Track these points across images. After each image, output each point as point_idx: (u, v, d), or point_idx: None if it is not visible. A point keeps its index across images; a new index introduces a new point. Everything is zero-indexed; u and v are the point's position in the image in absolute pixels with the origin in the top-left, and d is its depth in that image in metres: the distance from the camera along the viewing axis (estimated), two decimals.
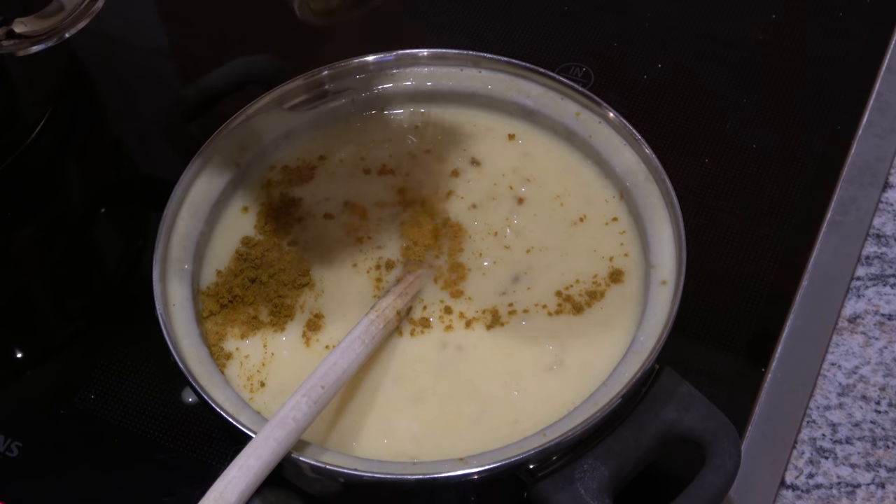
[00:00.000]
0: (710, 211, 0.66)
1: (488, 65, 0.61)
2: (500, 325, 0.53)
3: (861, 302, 0.61)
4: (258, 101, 0.59)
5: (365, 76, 0.61)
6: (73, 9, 0.64)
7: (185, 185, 0.56)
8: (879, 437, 0.56)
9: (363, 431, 0.50)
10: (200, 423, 0.58)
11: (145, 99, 0.74)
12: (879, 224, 0.64)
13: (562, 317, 0.53)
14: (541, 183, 0.59)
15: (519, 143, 0.60)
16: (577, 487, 0.47)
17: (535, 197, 0.58)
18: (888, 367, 0.58)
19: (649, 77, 0.74)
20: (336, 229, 0.58)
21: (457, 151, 0.60)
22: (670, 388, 0.49)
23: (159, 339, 0.51)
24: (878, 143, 0.68)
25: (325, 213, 0.58)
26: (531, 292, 0.54)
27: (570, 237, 0.56)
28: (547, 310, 0.54)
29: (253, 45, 0.66)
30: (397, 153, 0.60)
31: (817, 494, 0.54)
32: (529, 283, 0.55)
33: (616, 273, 0.55)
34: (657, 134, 0.57)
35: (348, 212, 0.58)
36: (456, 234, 0.57)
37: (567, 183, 0.58)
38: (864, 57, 0.74)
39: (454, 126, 0.61)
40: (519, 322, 0.53)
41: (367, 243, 0.57)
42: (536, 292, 0.54)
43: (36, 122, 0.72)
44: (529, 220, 0.57)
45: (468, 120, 0.61)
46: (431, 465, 0.47)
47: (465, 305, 0.54)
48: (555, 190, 0.58)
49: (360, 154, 0.61)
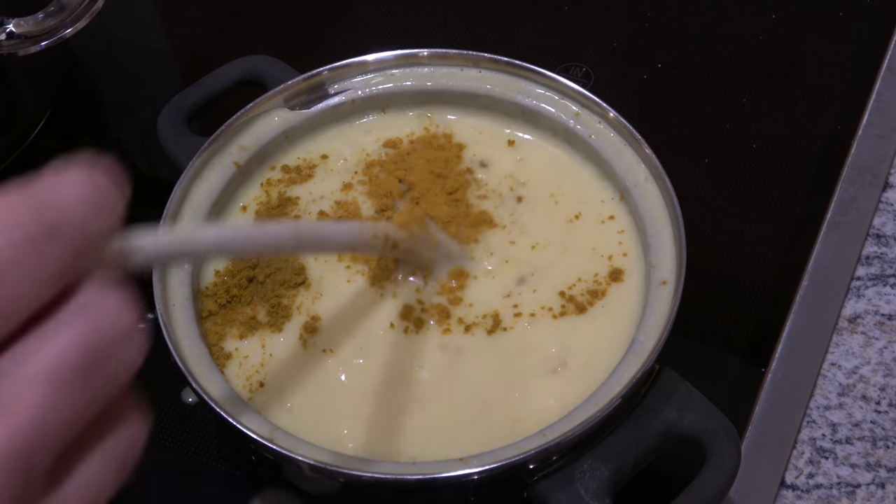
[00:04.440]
0: (710, 211, 0.66)
1: (488, 65, 0.61)
2: (502, 329, 0.53)
3: (861, 302, 0.61)
4: (258, 101, 0.59)
5: (365, 76, 0.61)
6: (73, 9, 0.64)
7: (185, 185, 0.56)
8: (879, 437, 0.56)
9: (364, 432, 0.50)
10: (200, 423, 0.58)
11: (145, 99, 0.75)
12: (879, 224, 0.64)
13: (566, 318, 0.53)
14: (538, 182, 0.59)
15: (518, 147, 0.60)
16: (577, 487, 0.47)
17: (532, 196, 0.58)
18: (888, 367, 0.58)
19: (649, 77, 0.74)
20: None
21: (458, 153, 0.60)
22: (670, 388, 0.49)
23: (159, 339, 0.51)
24: (878, 143, 0.68)
25: (320, 210, 0.58)
26: (536, 294, 0.54)
27: (568, 234, 0.56)
28: (552, 312, 0.54)
29: (253, 45, 0.66)
30: (396, 152, 0.60)
31: (817, 494, 0.54)
32: (535, 286, 0.55)
33: (616, 272, 0.55)
34: (657, 134, 0.57)
35: (341, 210, 0.58)
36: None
37: (564, 182, 0.58)
38: (864, 57, 0.74)
39: (455, 126, 0.61)
40: (524, 325, 0.53)
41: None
42: (541, 295, 0.54)
43: (36, 122, 0.72)
44: (529, 217, 0.57)
45: (469, 121, 0.61)
46: (431, 465, 0.47)
47: (464, 311, 0.54)
48: (550, 189, 0.58)
49: (359, 153, 0.61)
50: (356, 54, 0.61)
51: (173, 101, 0.62)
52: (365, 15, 0.80)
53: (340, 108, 0.61)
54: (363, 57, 0.61)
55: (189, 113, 0.61)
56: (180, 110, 0.61)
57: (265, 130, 0.59)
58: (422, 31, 0.78)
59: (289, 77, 0.61)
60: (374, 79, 0.61)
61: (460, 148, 0.60)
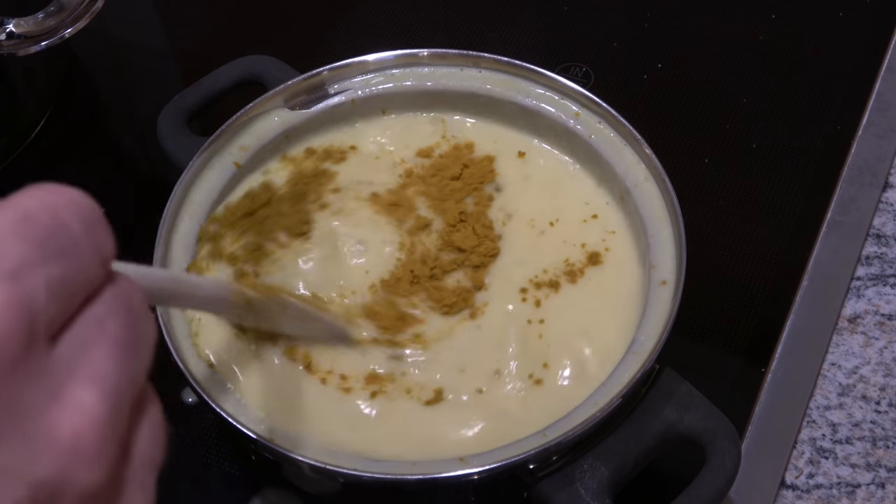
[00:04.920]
0: (710, 211, 0.66)
1: (488, 65, 0.61)
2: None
3: (861, 302, 0.61)
4: (258, 101, 0.59)
5: (365, 76, 0.61)
6: (73, 9, 0.64)
7: (185, 185, 0.56)
8: (879, 437, 0.56)
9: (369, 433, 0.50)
10: (200, 423, 0.58)
11: (145, 99, 0.75)
12: (879, 224, 0.64)
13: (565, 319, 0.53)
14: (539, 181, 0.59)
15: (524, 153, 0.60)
16: (577, 487, 0.47)
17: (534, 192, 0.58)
18: (888, 367, 0.58)
19: (649, 77, 0.74)
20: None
21: (457, 151, 0.60)
22: (670, 388, 0.49)
23: (160, 339, 0.50)
24: (878, 143, 0.68)
25: (372, 193, 0.58)
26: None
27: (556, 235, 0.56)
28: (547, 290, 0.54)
29: (253, 45, 0.66)
30: (397, 154, 0.60)
31: (817, 494, 0.54)
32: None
33: (595, 255, 0.55)
34: (657, 134, 0.57)
35: (395, 198, 0.58)
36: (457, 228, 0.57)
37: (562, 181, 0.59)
38: (864, 57, 0.74)
39: (454, 127, 0.61)
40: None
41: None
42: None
43: (36, 122, 0.72)
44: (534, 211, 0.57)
45: (469, 122, 0.61)
46: (431, 464, 0.47)
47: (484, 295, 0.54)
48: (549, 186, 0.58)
49: (358, 153, 0.61)
50: (356, 54, 0.61)
51: (173, 101, 0.62)
52: (365, 15, 0.80)
53: (340, 109, 0.61)
54: (363, 57, 0.61)
55: (189, 113, 0.61)
56: (180, 110, 0.61)
57: (265, 130, 0.59)
58: (422, 31, 0.78)
59: (289, 77, 0.61)
60: (374, 79, 0.61)
61: (461, 148, 0.60)
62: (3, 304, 0.22)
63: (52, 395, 0.23)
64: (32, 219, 0.24)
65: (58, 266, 0.24)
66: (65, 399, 0.23)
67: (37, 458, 0.22)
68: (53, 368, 0.23)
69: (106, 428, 0.24)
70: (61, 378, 0.23)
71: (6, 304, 0.22)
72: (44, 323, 0.23)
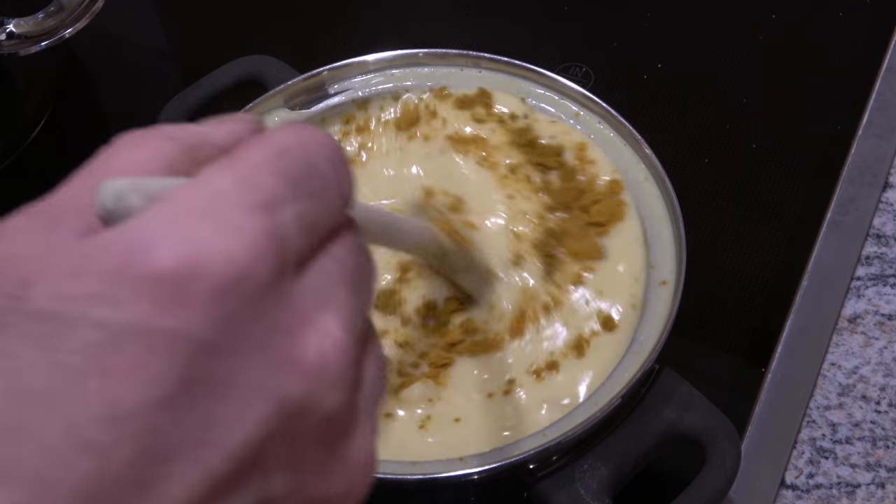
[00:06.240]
0: (710, 211, 0.66)
1: (488, 65, 0.61)
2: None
3: (861, 302, 0.61)
4: (258, 101, 0.59)
5: (365, 76, 0.61)
6: (73, 9, 0.64)
7: None
8: (879, 437, 0.56)
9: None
10: None
11: (145, 99, 0.74)
12: (879, 224, 0.64)
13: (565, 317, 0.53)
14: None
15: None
16: (577, 487, 0.47)
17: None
18: (888, 367, 0.58)
19: (649, 77, 0.74)
20: None
21: (458, 151, 0.60)
22: (670, 388, 0.49)
23: None
24: (878, 143, 0.68)
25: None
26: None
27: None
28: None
29: (253, 45, 0.66)
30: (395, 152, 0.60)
31: (817, 494, 0.54)
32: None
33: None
34: (657, 134, 0.57)
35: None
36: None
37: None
38: (864, 57, 0.74)
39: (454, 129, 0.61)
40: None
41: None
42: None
43: (36, 122, 0.72)
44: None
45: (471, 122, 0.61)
46: (431, 464, 0.47)
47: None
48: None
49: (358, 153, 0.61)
50: (356, 54, 0.61)
51: (173, 101, 0.62)
52: (365, 15, 0.80)
53: (340, 109, 0.61)
54: (363, 57, 0.61)
55: (189, 113, 0.61)
56: (180, 110, 0.61)
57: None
58: (422, 31, 0.78)
59: (289, 77, 0.61)
60: (374, 79, 0.61)
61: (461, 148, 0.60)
62: (259, 232, 0.23)
63: (300, 321, 0.24)
64: (288, 155, 0.26)
65: (307, 203, 0.25)
66: (312, 325, 0.25)
67: (285, 378, 0.24)
68: (299, 297, 0.25)
69: (348, 353, 0.25)
70: (306, 306, 0.25)
71: (262, 233, 0.24)
72: (294, 254, 0.25)
